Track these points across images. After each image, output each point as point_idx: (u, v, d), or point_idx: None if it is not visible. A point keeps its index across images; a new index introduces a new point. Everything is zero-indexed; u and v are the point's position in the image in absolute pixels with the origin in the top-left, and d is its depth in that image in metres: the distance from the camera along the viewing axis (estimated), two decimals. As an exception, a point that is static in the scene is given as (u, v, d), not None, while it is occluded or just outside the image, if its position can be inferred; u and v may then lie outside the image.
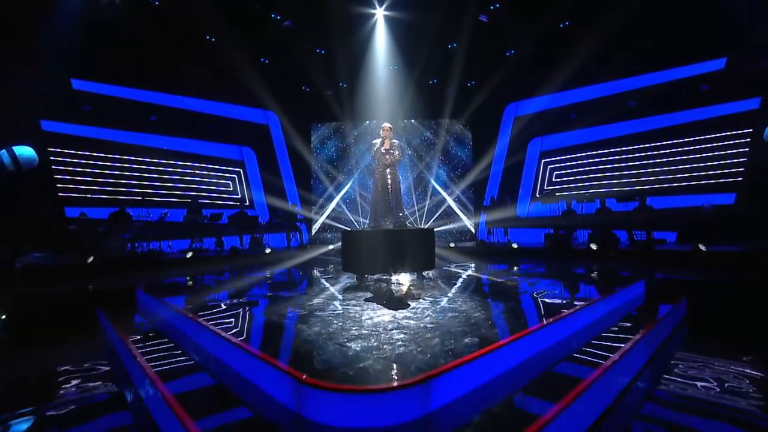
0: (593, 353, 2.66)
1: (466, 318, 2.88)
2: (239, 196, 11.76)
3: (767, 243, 5.95)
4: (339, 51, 10.50)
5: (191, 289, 5.03)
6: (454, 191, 12.34)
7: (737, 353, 3.13)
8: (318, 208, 12.55)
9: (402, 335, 2.44)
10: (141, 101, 10.03)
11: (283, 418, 1.79)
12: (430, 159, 12.46)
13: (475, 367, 2.01)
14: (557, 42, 9.86)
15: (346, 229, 4.77)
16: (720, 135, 8.70)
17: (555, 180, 11.32)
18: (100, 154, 9.52)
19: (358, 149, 12.54)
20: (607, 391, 2.24)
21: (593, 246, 7.52)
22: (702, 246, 6.17)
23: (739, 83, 8.31)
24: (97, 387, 2.72)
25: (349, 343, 2.27)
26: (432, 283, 4.81)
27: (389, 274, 4.80)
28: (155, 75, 9.85)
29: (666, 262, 6.60)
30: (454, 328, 2.60)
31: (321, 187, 12.59)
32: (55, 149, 8.96)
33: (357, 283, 4.69)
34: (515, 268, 6.72)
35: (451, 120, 12.26)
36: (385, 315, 3.01)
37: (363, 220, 11.77)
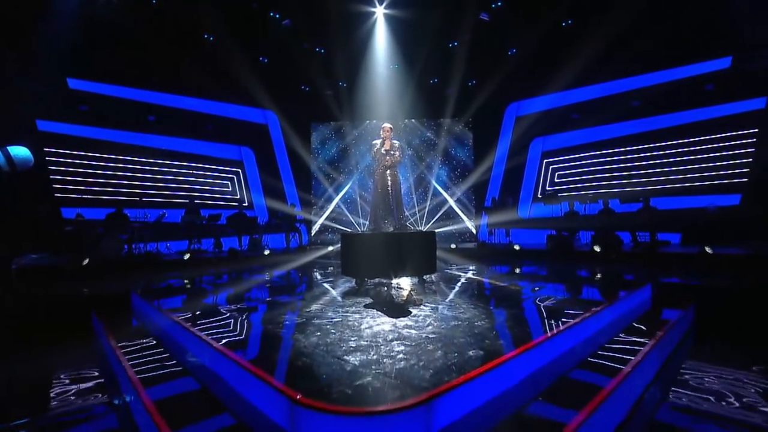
0: (603, 364, 2.55)
1: (469, 327, 2.78)
2: (238, 196, 11.64)
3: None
4: (339, 50, 10.40)
5: (186, 294, 4.92)
6: (454, 192, 12.22)
7: (749, 362, 3.03)
8: (318, 208, 12.44)
9: (403, 347, 2.33)
10: (139, 101, 9.91)
11: (277, 438, 1.69)
12: (430, 159, 12.34)
13: (481, 384, 1.91)
14: (559, 41, 9.75)
15: (345, 232, 4.66)
16: (725, 135, 8.58)
17: (557, 180, 11.20)
18: (97, 154, 9.41)
19: (358, 149, 12.42)
20: (621, 406, 2.13)
21: (596, 248, 7.41)
22: (708, 248, 6.06)
23: (745, 82, 8.19)
24: (87, 396, 2.61)
25: (348, 357, 2.17)
26: (433, 287, 4.71)
27: (389, 278, 4.69)
28: (153, 74, 9.74)
29: (671, 264, 6.48)
30: (457, 338, 2.49)
31: (321, 188, 12.48)
32: (52, 149, 8.85)
33: (356, 288, 4.59)
34: (517, 269, 6.62)
35: (452, 120, 12.14)
36: (385, 323, 2.91)
37: (363, 221, 11.66)
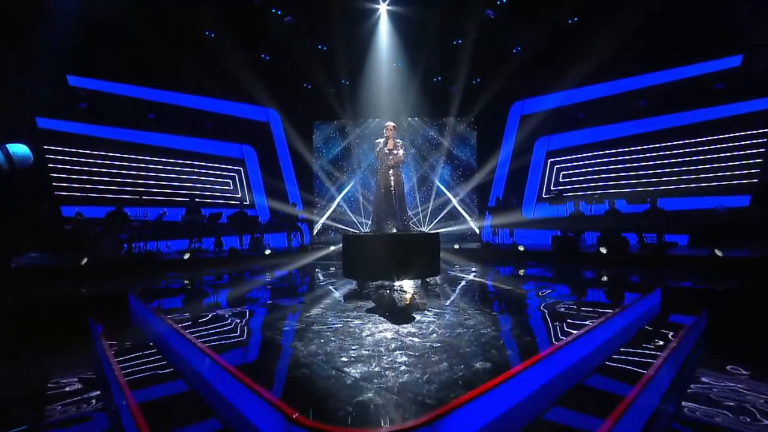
0: (616, 374, 2.45)
1: (474, 335, 2.67)
2: (239, 195, 11.55)
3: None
4: (341, 48, 10.26)
5: (184, 296, 4.83)
6: (458, 192, 12.08)
7: (766, 371, 2.90)
8: (320, 208, 12.33)
9: (406, 357, 2.22)
10: (139, 98, 9.82)
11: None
12: (434, 159, 12.20)
13: (489, 400, 1.79)
14: (565, 38, 9.58)
15: (347, 233, 4.56)
16: (734, 135, 8.40)
17: (562, 180, 11.05)
18: (97, 152, 9.33)
19: (360, 148, 12.30)
20: (639, 418, 2.02)
21: (603, 249, 7.27)
22: (718, 251, 5.92)
23: (756, 81, 8.00)
24: (78, 401, 2.52)
25: (348, 368, 2.06)
26: (437, 290, 4.60)
27: (392, 280, 4.59)
28: (154, 71, 9.64)
29: (680, 267, 6.34)
30: (462, 348, 2.38)
31: (323, 187, 12.36)
32: (52, 147, 8.78)
33: (358, 290, 4.48)
34: (521, 271, 6.50)
35: (456, 119, 11.99)
36: (387, 330, 2.80)
37: (365, 220, 11.55)
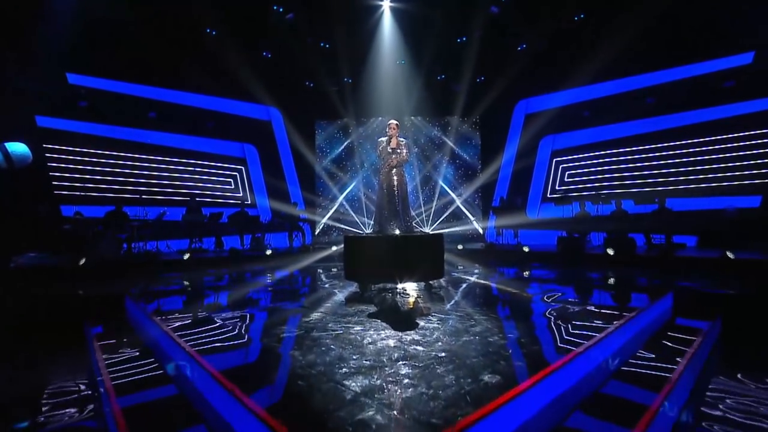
0: (632, 386, 2.31)
1: (481, 343, 2.54)
2: (240, 194, 11.45)
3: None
4: (344, 45, 10.14)
5: (182, 298, 4.73)
6: (462, 192, 11.94)
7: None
8: (322, 207, 12.22)
9: (409, 369, 2.10)
10: (139, 96, 9.74)
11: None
12: (437, 158, 12.06)
13: (499, 418, 1.67)
14: (571, 36, 9.43)
15: (348, 235, 4.45)
16: (745, 134, 8.22)
17: (567, 180, 10.89)
18: (97, 150, 9.26)
19: (363, 147, 12.17)
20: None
21: (610, 251, 7.12)
22: (730, 253, 5.76)
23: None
24: (67, 408, 2.40)
25: (348, 381, 1.94)
26: (441, 293, 4.48)
27: (394, 283, 4.47)
28: (154, 69, 9.55)
29: (690, 270, 6.17)
30: (469, 358, 2.25)
31: (325, 187, 12.25)
32: (51, 146, 8.70)
33: (360, 293, 4.37)
34: (527, 273, 6.36)
35: (460, 117, 11.84)
36: (390, 338, 2.67)
37: (368, 220, 11.43)
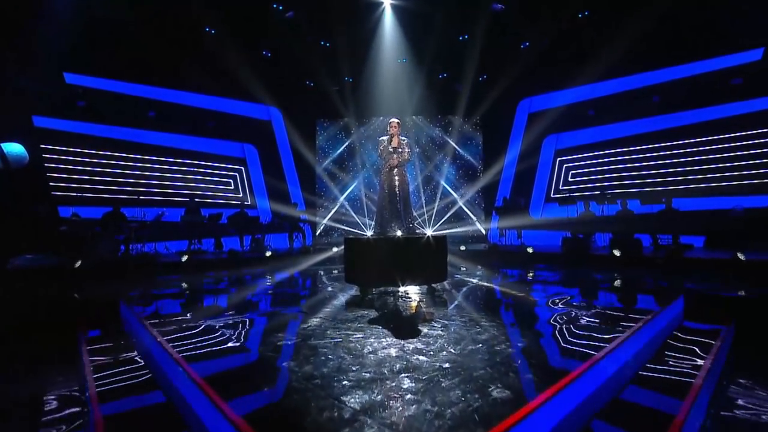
0: (650, 393, 2.19)
1: (489, 352, 2.41)
2: (240, 195, 11.34)
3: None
4: (344, 44, 10.01)
5: (177, 303, 4.61)
6: (464, 192, 11.80)
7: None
8: (323, 208, 12.10)
9: (412, 382, 1.97)
10: (138, 96, 9.64)
11: None
12: (438, 158, 11.92)
13: (510, 439, 1.54)
14: (575, 33, 9.28)
15: (349, 237, 4.32)
16: (754, 132, 8.06)
17: (571, 180, 10.74)
18: (94, 151, 9.15)
19: (364, 147, 12.05)
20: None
21: (616, 252, 6.98)
22: (741, 255, 5.60)
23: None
24: (55, 422, 2.28)
25: (346, 396, 1.81)
26: (444, 296, 4.35)
27: (396, 286, 4.34)
28: (153, 69, 9.45)
29: (699, 271, 6.01)
30: (476, 370, 2.12)
31: (326, 187, 12.13)
32: (49, 146, 8.60)
33: (360, 297, 4.24)
34: (531, 274, 6.22)
35: (462, 116, 11.70)
36: (392, 347, 2.54)
37: (369, 221, 11.31)
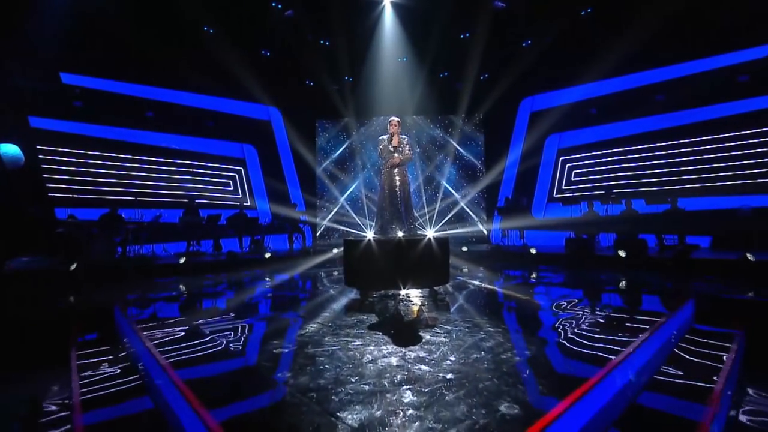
0: (665, 403, 2.07)
1: (495, 361, 2.29)
2: (239, 196, 11.23)
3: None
4: (344, 42, 9.90)
5: (175, 307, 4.49)
6: (466, 191, 11.67)
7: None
8: (322, 209, 11.99)
9: (414, 395, 1.85)
10: (136, 96, 9.52)
11: None
12: (440, 158, 11.80)
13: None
14: (578, 30, 9.14)
15: (348, 238, 4.20)
16: (761, 130, 7.91)
17: (574, 179, 10.60)
18: (91, 152, 9.04)
19: (365, 147, 11.93)
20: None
21: (621, 253, 6.84)
22: (750, 255, 5.47)
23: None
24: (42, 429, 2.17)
25: (344, 412, 1.69)
26: (446, 299, 4.22)
27: (397, 289, 4.21)
28: (151, 68, 9.34)
29: (707, 272, 5.87)
30: (482, 381, 2.00)
31: (326, 187, 12.02)
32: (45, 147, 8.49)
33: (360, 301, 4.12)
34: (534, 276, 6.10)
35: (463, 115, 11.58)
36: (392, 355, 2.42)
37: (370, 222, 11.19)
